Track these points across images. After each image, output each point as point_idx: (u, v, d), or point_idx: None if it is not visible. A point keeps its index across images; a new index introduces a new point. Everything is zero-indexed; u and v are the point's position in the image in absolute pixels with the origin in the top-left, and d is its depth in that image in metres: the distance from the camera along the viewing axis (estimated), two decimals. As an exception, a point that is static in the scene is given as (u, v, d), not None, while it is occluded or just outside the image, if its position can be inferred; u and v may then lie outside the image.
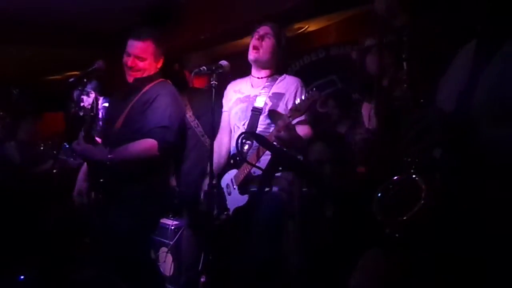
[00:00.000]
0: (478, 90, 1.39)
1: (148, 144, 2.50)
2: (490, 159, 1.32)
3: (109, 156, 2.46)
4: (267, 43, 2.58)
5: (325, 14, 4.40)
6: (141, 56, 2.66)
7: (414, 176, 1.42)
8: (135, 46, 2.65)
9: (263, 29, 2.60)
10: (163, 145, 2.52)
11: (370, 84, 3.00)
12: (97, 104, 3.46)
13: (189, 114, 3.31)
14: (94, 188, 2.64)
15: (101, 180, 2.58)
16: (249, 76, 2.72)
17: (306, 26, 4.70)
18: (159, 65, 2.76)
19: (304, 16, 4.35)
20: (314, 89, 2.25)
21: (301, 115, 2.32)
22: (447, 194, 1.41)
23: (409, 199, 1.39)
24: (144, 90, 2.69)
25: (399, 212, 1.39)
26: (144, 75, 2.70)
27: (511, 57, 1.35)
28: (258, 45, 2.59)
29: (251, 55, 2.62)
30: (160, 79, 2.77)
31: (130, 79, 2.71)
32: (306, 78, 2.61)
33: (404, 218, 1.37)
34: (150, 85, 2.71)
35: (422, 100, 1.51)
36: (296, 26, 4.60)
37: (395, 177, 1.49)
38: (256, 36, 2.60)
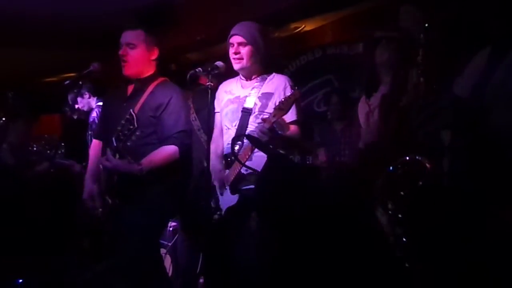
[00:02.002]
0: (492, 81, 1.43)
1: (170, 151, 2.61)
2: (500, 142, 1.36)
3: (139, 167, 2.52)
4: (245, 51, 2.57)
5: (321, 14, 4.40)
6: (132, 43, 2.65)
7: (419, 157, 1.47)
8: (126, 35, 2.68)
9: (236, 38, 2.58)
10: (183, 148, 2.64)
11: (375, 79, 2.98)
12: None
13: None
14: (109, 192, 2.68)
15: (118, 183, 2.64)
16: (239, 76, 2.71)
17: (303, 26, 4.69)
18: (153, 56, 2.73)
19: (301, 15, 4.35)
20: (296, 88, 2.31)
21: (285, 114, 2.34)
22: (452, 176, 1.45)
23: (414, 178, 1.45)
24: (148, 90, 2.68)
25: (403, 189, 1.44)
26: (139, 69, 2.69)
27: None
28: (239, 56, 2.58)
29: (235, 65, 2.61)
30: (161, 78, 2.76)
31: (125, 72, 2.68)
32: (303, 78, 2.59)
33: (407, 192, 1.44)
34: (153, 84, 2.70)
35: (435, 86, 1.55)
36: (293, 26, 4.60)
37: (403, 158, 1.54)
38: (234, 47, 2.59)
